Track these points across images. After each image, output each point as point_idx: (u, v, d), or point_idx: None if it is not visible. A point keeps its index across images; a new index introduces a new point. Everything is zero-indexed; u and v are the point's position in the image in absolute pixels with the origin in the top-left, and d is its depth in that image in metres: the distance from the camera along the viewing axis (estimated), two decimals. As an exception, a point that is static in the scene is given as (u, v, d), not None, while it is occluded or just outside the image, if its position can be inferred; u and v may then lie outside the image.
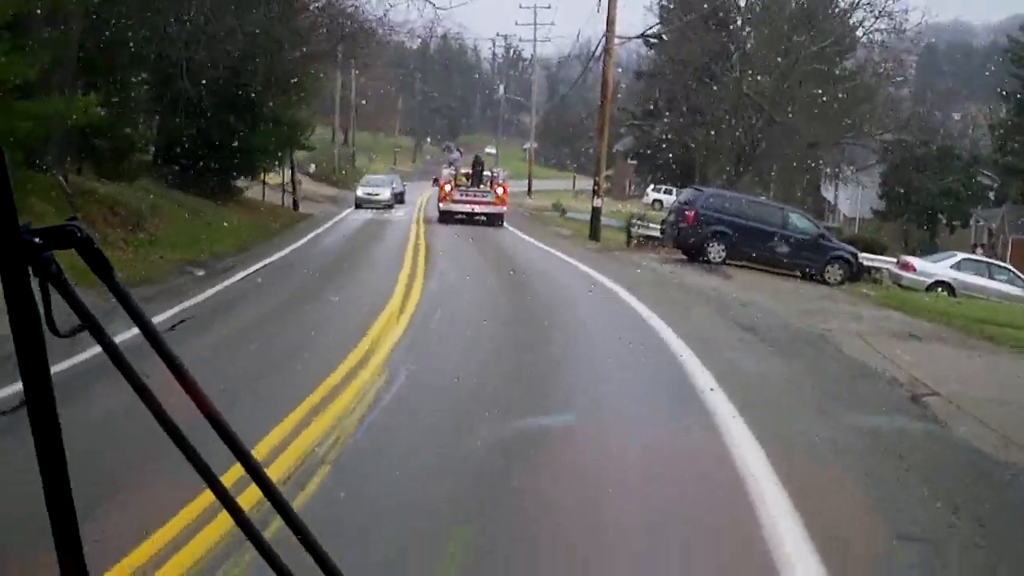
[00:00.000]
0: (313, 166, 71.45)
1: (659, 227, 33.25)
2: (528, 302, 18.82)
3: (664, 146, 55.54)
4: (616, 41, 39.14)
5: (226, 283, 19.54)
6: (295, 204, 47.23)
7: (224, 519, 4.57)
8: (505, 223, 41.58)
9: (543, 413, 9.95)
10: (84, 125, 23.09)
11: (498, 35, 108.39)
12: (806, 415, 10.72)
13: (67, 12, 23.18)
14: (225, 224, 32.41)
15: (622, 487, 7.72)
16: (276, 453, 7.65)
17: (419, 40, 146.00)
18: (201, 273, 20.94)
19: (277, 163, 43.76)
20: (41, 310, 1.31)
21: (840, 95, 51.64)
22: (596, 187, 39.35)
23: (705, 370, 11.94)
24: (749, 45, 53.27)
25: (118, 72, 29.53)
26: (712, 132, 52.73)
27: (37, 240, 1.30)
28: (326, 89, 60.52)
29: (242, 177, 40.84)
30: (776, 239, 29.71)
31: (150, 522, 5.92)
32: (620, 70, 66.71)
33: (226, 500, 1.55)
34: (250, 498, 1.82)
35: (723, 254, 29.56)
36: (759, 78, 51.84)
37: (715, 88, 51.65)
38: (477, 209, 40.47)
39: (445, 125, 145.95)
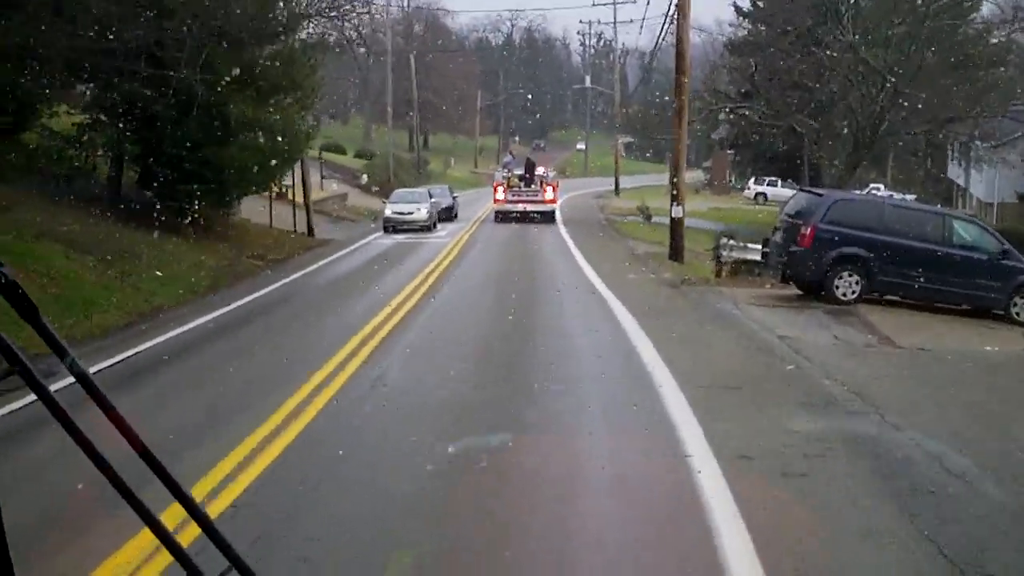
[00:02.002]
0: (365, 176, 62.44)
1: (760, 248, 22.90)
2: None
3: (765, 132, 45.01)
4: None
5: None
6: (309, 228, 38.02)
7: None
8: (573, 240, 34.52)
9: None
10: None
11: (581, 22, 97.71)
12: None
13: None
14: (159, 273, 23.32)
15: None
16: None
17: (499, 33, 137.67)
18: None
19: (278, 181, 34.54)
20: None
21: (971, 58, 40.62)
22: (674, 190, 29.31)
23: None
24: (864, 2, 42.34)
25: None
26: (822, 112, 42.07)
27: None
28: (335, 86, 51.24)
29: (229, 200, 31.69)
30: (936, 261, 19.42)
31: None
32: (700, 36, 56.71)
33: (166, 539, 1.67)
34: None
35: (857, 288, 19.41)
36: (877, 43, 41.00)
37: (824, 59, 41.03)
38: (529, 208, 41.91)
39: (534, 123, 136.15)
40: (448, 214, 43.96)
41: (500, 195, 42.32)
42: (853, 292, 19.37)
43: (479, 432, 9.59)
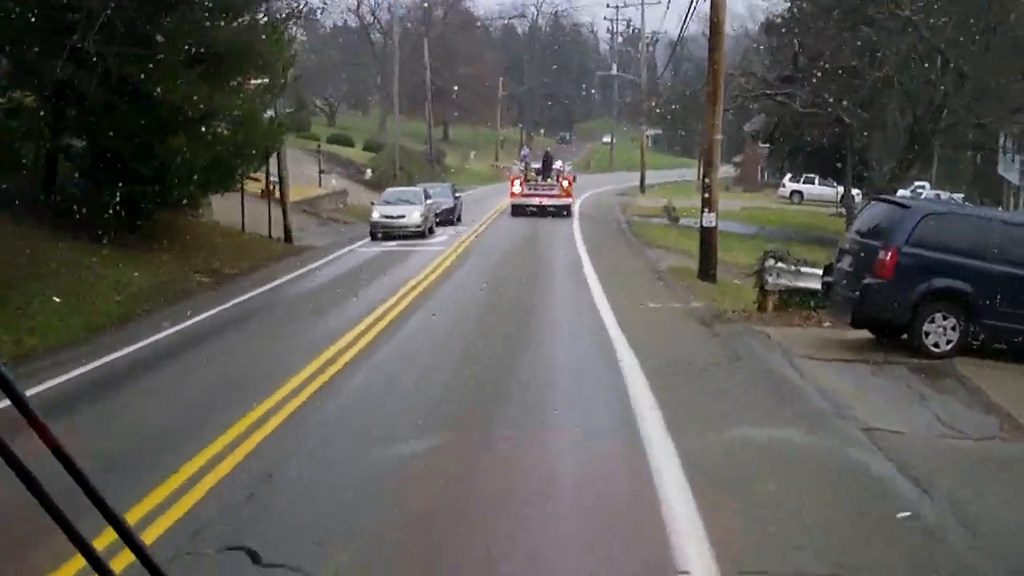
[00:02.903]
0: (370, 171, 57.46)
1: (817, 274, 17.47)
2: None
3: (807, 122, 39.62)
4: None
5: None
6: (287, 233, 33.03)
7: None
8: (587, 251, 29.65)
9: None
10: None
11: (608, 6, 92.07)
12: None
13: None
14: (56, 300, 18.46)
15: None
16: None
17: (525, 20, 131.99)
18: None
19: (239, 179, 29.56)
20: None
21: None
22: (706, 190, 24.18)
23: None
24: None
25: None
26: (873, 101, 36.65)
27: None
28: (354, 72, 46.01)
29: (173, 201, 26.73)
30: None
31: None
32: (733, 27, 51.48)
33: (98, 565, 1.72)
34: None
35: (954, 336, 14.16)
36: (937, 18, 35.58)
37: (875, 38, 35.65)
38: (544, 202, 41.47)
39: (560, 114, 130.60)
40: (449, 216, 38.75)
41: (516, 188, 41.94)
42: (948, 341, 14.12)
43: None
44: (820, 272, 16.82)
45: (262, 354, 15.40)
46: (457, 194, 41.71)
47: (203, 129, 24.94)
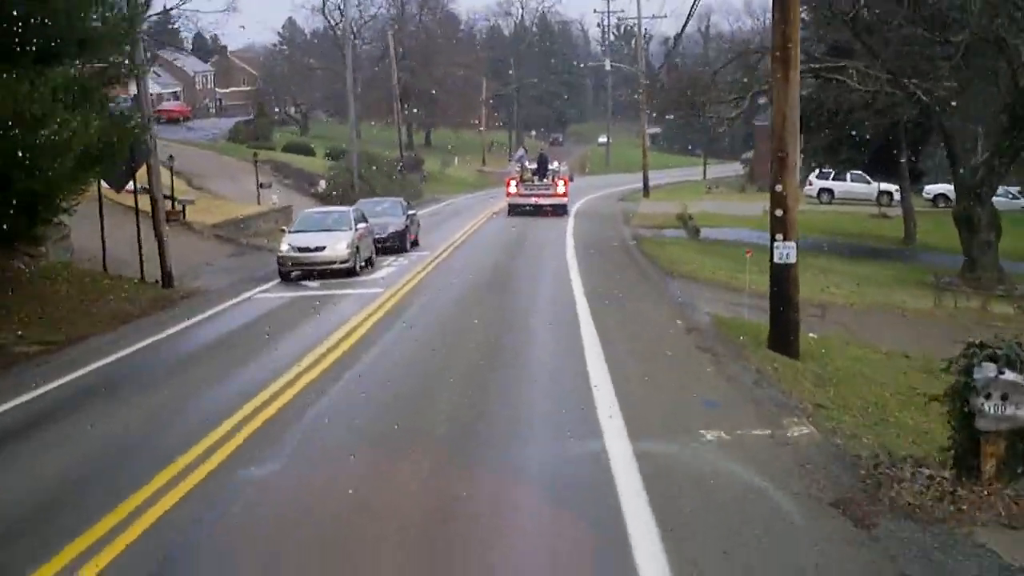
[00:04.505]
0: (323, 183, 47.79)
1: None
2: None
3: (864, 103, 30.04)
4: None
5: None
6: (164, 274, 23.32)
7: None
8: (584, 289, 20.50)
9: None
10: None
11: (595, 11, 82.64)
12: None
13: None
14: None
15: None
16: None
17: (509, 18, 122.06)
18: None
19: (64, 203, 19.74)
20: None
21: None
22: (777, 204, 14.59)
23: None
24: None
25: None
26: (958, 73, 26.97)
27: None
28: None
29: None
30: None
31: None
32: None
33: None
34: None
35: None
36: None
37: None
38: (541, 201, 41.33)
39: (550, 115, 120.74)
40: (399, 241, 28.72)
41: (513, 188, 41.67)
42: None
43: None
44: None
45: None
46: (411, 211, 31.47)
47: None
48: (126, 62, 19.57)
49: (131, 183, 25.09)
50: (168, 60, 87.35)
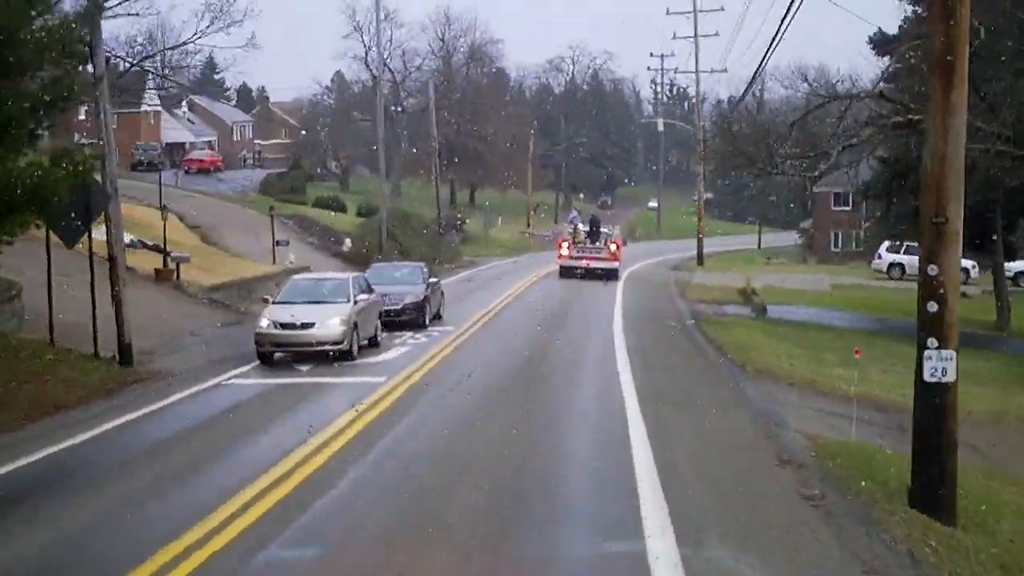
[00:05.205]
0: (349, 242, 43.65)
1: None
2: None
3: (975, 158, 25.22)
4: None
5: None
6: (122, 349, 19.00)
7: None
8: (634, 393, 15.69)
9: None
10: None
11: (649, 69, 78.34)
12: None
13: None
14: None
15: None
16: None
17: (560, 74, 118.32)
18: None
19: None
20: None
21: None
22: (933, 288, 9.96)
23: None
24: None
25: None
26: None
27: None
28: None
29: None
30: None
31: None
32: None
33: None
34: None
35: None
36: None
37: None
38: (592, 264, 40.95)
39: (599, 177, 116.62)
40: (416, 316, 24.25)
41: (564, 251, 41.58)
42: None
43: None
44: None
45: None
46: (433, 279, 26.84)
47: None
48: (69, 81, 15.28)
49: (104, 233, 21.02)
50: (205, 107, 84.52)
